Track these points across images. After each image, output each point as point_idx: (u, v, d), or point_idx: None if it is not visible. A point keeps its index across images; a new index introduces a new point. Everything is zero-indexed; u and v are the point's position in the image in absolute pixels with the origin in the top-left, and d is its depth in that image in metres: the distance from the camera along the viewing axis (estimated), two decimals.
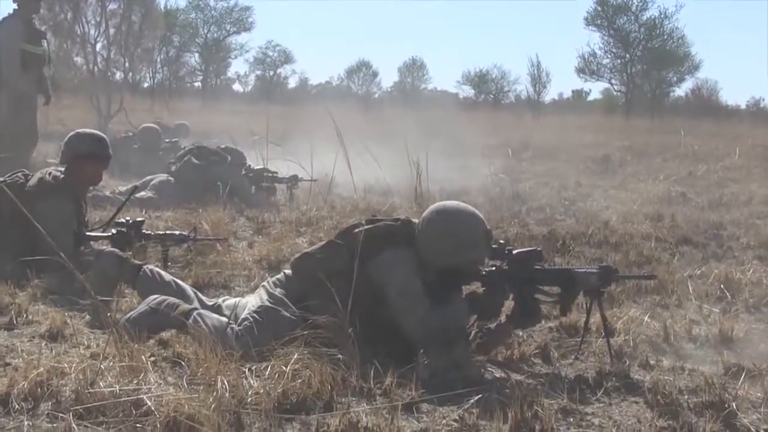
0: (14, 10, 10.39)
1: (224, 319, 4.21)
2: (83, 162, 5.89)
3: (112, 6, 19.95)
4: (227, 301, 4.64)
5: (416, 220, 4.38)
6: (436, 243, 4.21)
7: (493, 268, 4.24)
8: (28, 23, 10.43)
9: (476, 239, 4.21)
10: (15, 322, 4.55)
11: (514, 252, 4.21)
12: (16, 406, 3.31)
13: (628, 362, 4.18)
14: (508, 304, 4.25)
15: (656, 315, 5.06)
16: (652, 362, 4.23)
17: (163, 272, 4.96)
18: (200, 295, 4.80)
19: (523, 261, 4.19)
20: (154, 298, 4.39)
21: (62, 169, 5.93)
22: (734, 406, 3.53)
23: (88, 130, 6.28)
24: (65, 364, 3.66)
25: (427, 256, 4.23)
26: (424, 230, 4.26)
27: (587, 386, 3.86)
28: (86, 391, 3.34)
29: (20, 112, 10.38)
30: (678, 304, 5.43)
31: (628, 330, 4.64)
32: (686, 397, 3.69)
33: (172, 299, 4.39)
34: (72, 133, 6.16)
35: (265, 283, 4.50)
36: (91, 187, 6.73)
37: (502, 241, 4.33)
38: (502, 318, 4.24)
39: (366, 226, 4.28)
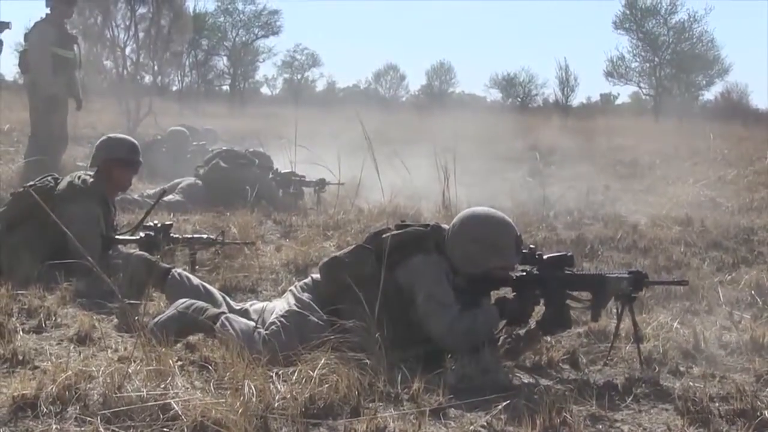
0: (46, 14, 10.48)
1: (251, 323, 4.21)
2: (114, 167, 5.94)
3: (141, 10, 20.06)
4: (255, 306, 4.63)
5: (446, 226, 4.37)
6: (466, 249, 4.20)
7: (524, 273, 4.22)
8: (60, 27, 10.51)
9: (506, 245, 4.20)
10: (44, 325, 4.59)
11: (545, 257, 4.19)
12: (45, 409, 3.32)
13: (657, 369, 4.15)
14: (538, 310, 4.22)
15: (686, 321, 5.01)
16: (682, 369, 4.19)
17: (191, 276, 4.97)
18: (228, 299, 4.80)
19: (554, 266, 4.16)
20: (182, 302, 4.38)
21: (92, 172, 5.97)
22: (766, 414, 3.49)
23: (120, 135, 6.33)
24: (93, 368, 3.68)
25: (457, 262, 4.22)
26: (454, 236, 4.26)
27: (616, 393, 3.84)
28: (114, 395, 3.35)
29: (51, 116, 10.45)
30: (708, 310, 5.38)
31: (657, 336, 4.60)
32: (717, 404, 3.65)
33: (200, 303, 4.38)
34: (104, 138, 6.21)
35: (292, 288, 4.50)
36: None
37: (532, 246, 4.30)
38: (532, 324, 4.22)
39: (394, 231, 4.28)
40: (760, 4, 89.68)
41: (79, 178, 5.89)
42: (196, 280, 4.87)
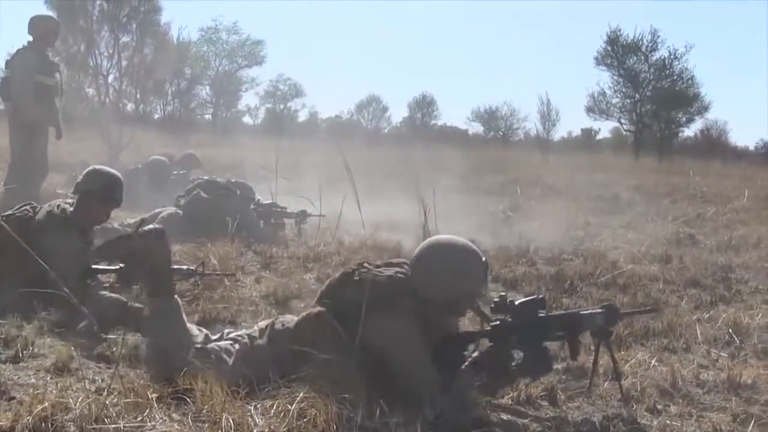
0: (29, 42, 10.49)
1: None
2: (93, 200, 5.91)
3: (125, 38, 20.13)
4: (231, 335, 4.59)
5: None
6: (433, 276, 4.11)
7: (498, 322, 4.18)
8: (42, 55, 10.52)
9: (473, 270, 4.14)
10: (21, 355, 4.53)
11: (517, 302, 4.16)
12: None
13: (635, 406, 4.16)
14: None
15: (664, 358, 5.03)
16: (659, 407, 4.21)
17: None
18: (205, 330, 4.75)
19: (527, 310, 4.15)
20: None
21: (71, 201, 5.94)
22: None
23: (105, 169, 6.26)
24: (70, 399, 3.64)
25: (423, 291, 4.09)
26: (420, 264, 4.16)
27: (594, 430, 3.84)
28: (91, 426, 3.34)
29: (31, 143, 10.43)
30: (686, 348, 5.41)
31: (635, 373, 4.62)
32: None
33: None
34: (90, 168, 6.15)
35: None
36: None
37: (503, 293, 4.28)
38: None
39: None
40: (740, 42, 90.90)
41: (58, 207, 5.85)
42: None
